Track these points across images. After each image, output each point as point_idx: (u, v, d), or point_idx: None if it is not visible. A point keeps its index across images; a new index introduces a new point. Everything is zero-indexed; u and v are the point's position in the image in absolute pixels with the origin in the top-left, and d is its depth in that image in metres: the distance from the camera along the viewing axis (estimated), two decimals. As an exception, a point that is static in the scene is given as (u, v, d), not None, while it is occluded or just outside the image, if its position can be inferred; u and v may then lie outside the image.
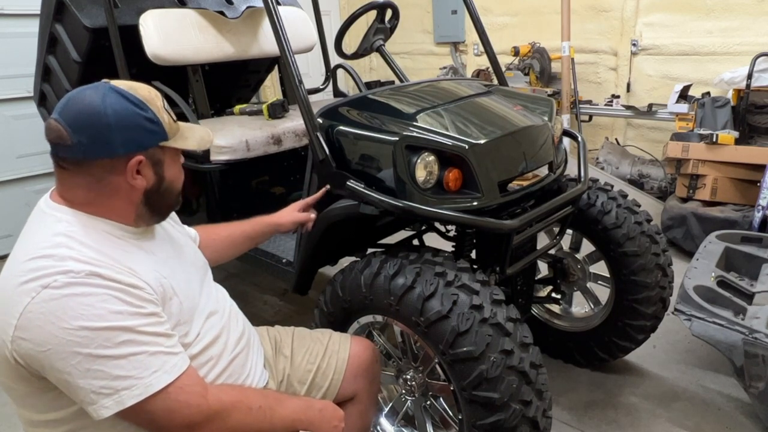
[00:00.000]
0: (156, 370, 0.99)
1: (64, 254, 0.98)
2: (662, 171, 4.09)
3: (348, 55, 2.50)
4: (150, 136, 1.06)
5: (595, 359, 2.31)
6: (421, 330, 1.49)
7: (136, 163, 1.05)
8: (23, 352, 0.95)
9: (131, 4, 2.54)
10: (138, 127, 1.04)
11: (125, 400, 0.96)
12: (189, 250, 1.31)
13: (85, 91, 1.04)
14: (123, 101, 1.04)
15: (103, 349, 0.95)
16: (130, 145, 1.04)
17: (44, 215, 1.06)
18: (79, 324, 0.93)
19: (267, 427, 1.13)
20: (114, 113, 1.02)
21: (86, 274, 0.96)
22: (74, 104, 1.03)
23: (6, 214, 3.71)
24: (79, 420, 1.04)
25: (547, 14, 4.78)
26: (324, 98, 2.90)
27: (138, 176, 1.07)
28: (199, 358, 1.15)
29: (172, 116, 1.12)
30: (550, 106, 1.99)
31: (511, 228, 1.60)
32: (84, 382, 0.95)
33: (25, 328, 0.93)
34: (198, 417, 1.03)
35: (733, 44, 3.93)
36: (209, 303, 1.25)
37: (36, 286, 0.94)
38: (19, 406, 1.09)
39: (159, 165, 1.10)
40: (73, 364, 0.94)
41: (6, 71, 3.62)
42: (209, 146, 1.19)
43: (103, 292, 0.97)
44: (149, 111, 1.06)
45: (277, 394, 1.31)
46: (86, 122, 1.01)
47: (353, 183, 1.68)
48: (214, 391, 1.10)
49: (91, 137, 1.01)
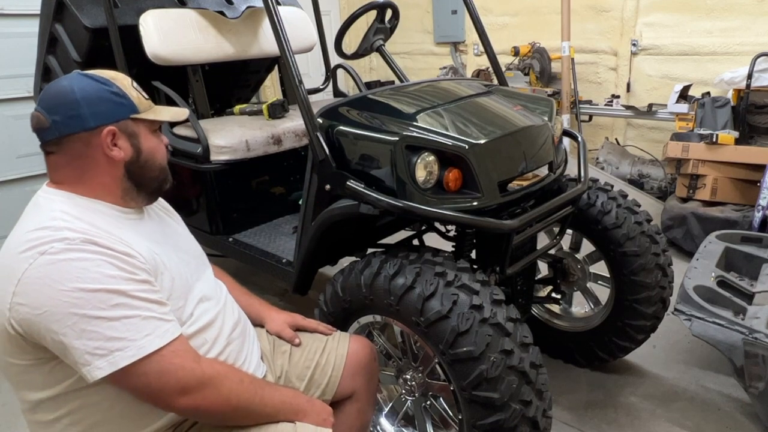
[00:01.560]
0: (149, 333, 1.02)
1: (60, 225, 1.04)
2: (662, 171, 4.09)
3: (348, 55, 2.50)
4: (118, 108, 1.14)
5: (595, 359, 2.31)
6: (421, 330, 1.49)
7: (108, 134, 1.12)
8: (21, 318, 0.98)
9: (131, 4, 2.54)
10: (104, 100, 1.12)
11: (118, 361, 0.99)
12: (184, 238, 1.35)
13: (56, 80, 1.16)
14: (89, 80, 1.13)
15: (97, 310, 0.98)
16: (100, 117, 1.11)
17: (40, 199, 1.12)
18: (75, 286, 0.97)
19: (258, 402, 1.14)
20: (80, 90, 1.11)
21: (81, 241, 1.02)
22: (48, 91, 1.13)
23: (6, 214, 3.70)
24: (76, 399, 1.06)
25: (547, 14, 4.78)
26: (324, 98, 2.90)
27: (114, 148, 1.14)
28: (193, 340, 1.16)
29: (142, 94, 1.20)
30: (550, 106, 1.99)
31: (511, 228, 1.60)
32: (79, 343, 0.98)
33: (22, 294, 0.98)
34: (192, 380, 1.05)
35: (733, 44, 3.93)
36: (204, 288, 1.27)
37: (33, 254, 0.99)
38: (18, 388, 1.10)
39: (135, 137, 1.17)
40: (68, 325, 0.97)
41: (6, 71, 3.62)
42: (183, 118, 1.27)
43: (98, 258, 1.01)
44: (114, 86, 1.15)
45: (268, 381, 1.33)
46: (57, 102, 1.10)
47: (353, 183, 1.68)
48: (206, 359, 1.13)
49: (63, 114, 1.10)
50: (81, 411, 1.08)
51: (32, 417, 1.11)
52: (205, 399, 1.07)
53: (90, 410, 1.08)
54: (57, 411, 1.08)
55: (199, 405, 1.06)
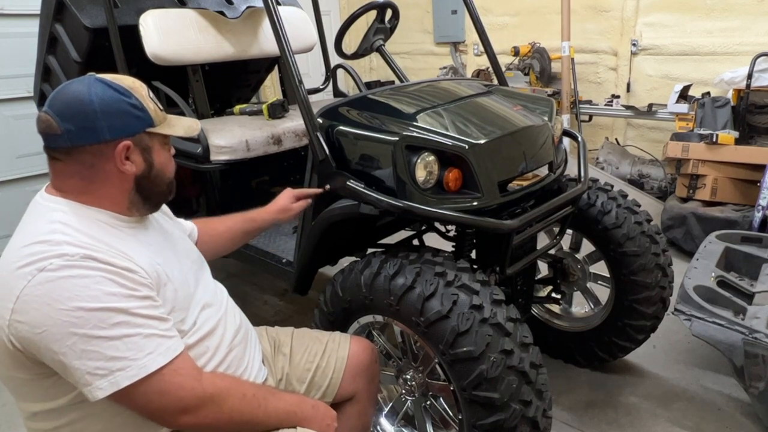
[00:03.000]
0: (150, 351, 1.00)
1: (59, 239, 1.00)
2: (662, 171, 4.09)
3: (348, 55, 2.50)
4: (136, 122, 1.09)
5: (595, 359, 2.31)
6: (421, 330, 1.49)
7: (123, 149, 1.08)
8: (20, 336, 0.96)
9: (131, 4, 2.53)
10: (123, 112, 1.07)
11: (120, 381, 0.97)
12: (182, 243, 1.32)
13: (72, 84, 1.08)
14: (108, 89, 1.07)
15: (97, 329, 0.96)
16: (117, 130, 1.07)
17: (40, 207, 1.09)
18: (75, 305, 0.95)
19: (261, 416, 1.13)
20: (99, 100, 1.05)
21: (81, 257, 0.98)
22: (62, 95, 1.06)
23: (6, 214, 3.70)
24: (77, 410, 1.05)
25: (547, 14, 4.78)
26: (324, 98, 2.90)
27: (128, 162, 1.10)
28: (195, 349, 1.15)
29: (158, 105, 1.15)
30: (550, 106, 1.99)
31: (511, 228, 1.60)
32: (79, 363, 0.96)
33: (21, 311, 0.95)
34: (192, 400, 1.04)
35: (733, 44, 3.93)
36: (205, 295, 1.25)
37: (32, 270, 0.96)
38: (19, 399, 1.09)
39: (148, 151, 1.13)
40: (68, 345, 0.95)
41: (6, 71, 3.62)
42: (196, 134, 1.22)
43: (98, 275, 0.98)
44: (134, 98, 1.09)
45: (272, 387, 1.32)
46: (73, 110, 1.04)
47: (353, 183, 1.68)
48: (208, 376, 1.11)
49: (79, 124, 1.04)
50: (82, 421, 1.07)
51: (32, 425, 1.11)
52: (207, 417, 1.05)
53: (91, 420, 1.07)
54: (58, 420, 1.07)
55: (201, 423, 1.05)
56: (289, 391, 1.38)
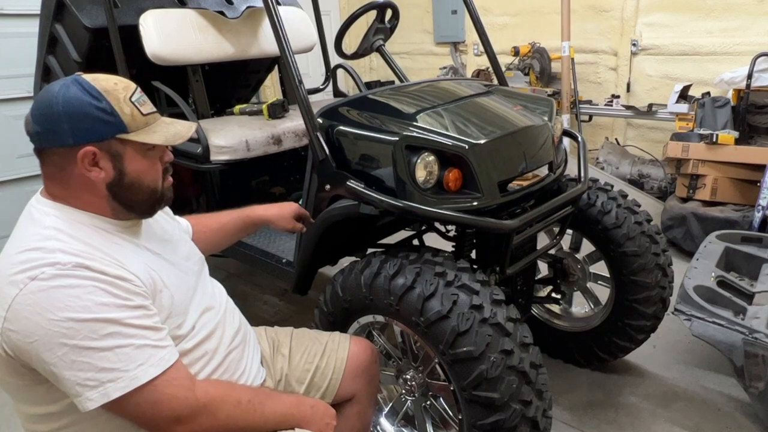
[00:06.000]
0: (142, 363, 0.99)
1: (52, 246, 0.99)
2: (662, 171, 4.09)
3: (348, 55, 2.50)
4: (103, 127, 1.04)
5: (595, 359, 2.31)
6: (421, 330, 1.49)
7: (86, 154, 1.03)
8: (12, 344, 0.96)
9: (131, 4, 2.53)
10: (88, 116, 1.02)
11: (110, 393, 0.96)
12: (183, 245, 1.30)
13: (52, 84, 1.06)
14: (78, 92, 1.03)
15: (88, 340, 0.95)
16: (80, 135, 1.02)
17: (33, 211, 1.07)
18: (65, 315, 0.94)
19: (259, 421, 1.13)
20: (65, 102, 1.02)
21: (73, 266, 0.97)
22: (39, 96, 1.06)
23: (6, 214, 3.70)
24: (74, 413, 1.04)
25: (547, 14, 4.78)
26: (324, 98, 2.90)
27: (94, 168, 1.05)
28: (193, 353, 1.15)
29: (140, 110, 1.08)
30: (550, 106, 1.99)
31: (511, 228, 1.60)
32: (69, 374, 0.95)
33: (13, 320, 0.95)
34: (185, 410, 1.03)
35: (733, 44, 3.93)
36: (205, 298, 1.24)
37: (24, 278, 0.95)
38: (16, 401, 1.09)
39: (118, 158, 1.07)
40: (58, 355, 0.94)
41: (6, 71, 3.62)
42: (180, 142, 1.14)
43: (90, 284, 0.97)
44: (104, 102, 1.04)
45: (268, 390, 1.31)
46: (41, 111, 1.03)
47: (353, 183, 1.68)
48: (201, 384, 1.10)
49: (44, 126, 1.03)
50: (79, 424, 1.06)
51: (30, 427, 1.10)
52: (201, 426, 1.05)
53: (86, 424, 1.06)
54: (54, 423, 1.07)
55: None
56: (288, 392, 1.38)
